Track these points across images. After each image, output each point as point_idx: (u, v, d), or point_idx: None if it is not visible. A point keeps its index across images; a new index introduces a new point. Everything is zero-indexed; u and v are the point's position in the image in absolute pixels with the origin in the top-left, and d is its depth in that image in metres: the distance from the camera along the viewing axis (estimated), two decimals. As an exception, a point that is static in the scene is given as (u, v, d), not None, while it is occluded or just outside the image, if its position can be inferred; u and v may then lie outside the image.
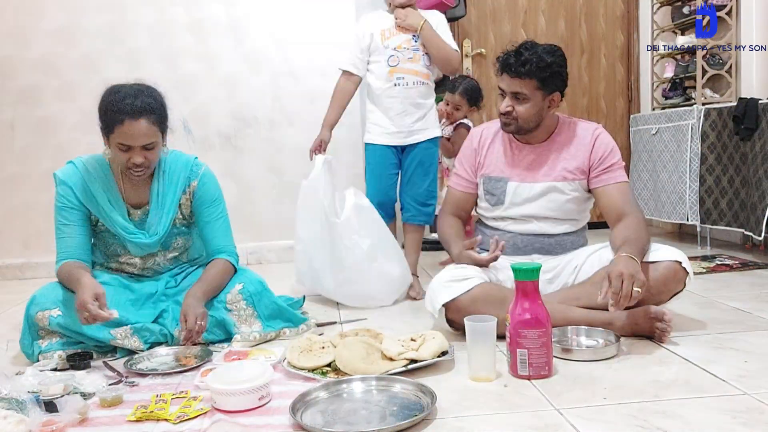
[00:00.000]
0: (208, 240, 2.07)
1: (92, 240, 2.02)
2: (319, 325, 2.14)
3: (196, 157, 2.11)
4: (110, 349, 1.90)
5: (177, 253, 2.12)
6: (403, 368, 1.60)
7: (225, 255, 2.05)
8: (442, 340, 1.68)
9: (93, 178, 1.96)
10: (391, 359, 1.63)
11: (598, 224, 4.29)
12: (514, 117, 1.98)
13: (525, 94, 1.94)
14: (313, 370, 1.64)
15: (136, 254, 2.04)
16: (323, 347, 1.72)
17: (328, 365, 1.65)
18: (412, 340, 1.71)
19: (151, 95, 1.89)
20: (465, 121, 3.28)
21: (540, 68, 1.92)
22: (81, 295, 1.73)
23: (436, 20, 2.53)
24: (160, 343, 1.93)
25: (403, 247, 2.60)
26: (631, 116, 3.92)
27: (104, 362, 1.79)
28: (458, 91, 3.22)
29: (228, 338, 1.96)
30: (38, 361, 1.81)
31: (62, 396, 1.44)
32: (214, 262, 2.03)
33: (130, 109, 1.81)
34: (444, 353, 1.67)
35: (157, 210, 2.00)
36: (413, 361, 1.62)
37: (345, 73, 2.61)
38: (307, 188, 2.48)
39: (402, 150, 2.59)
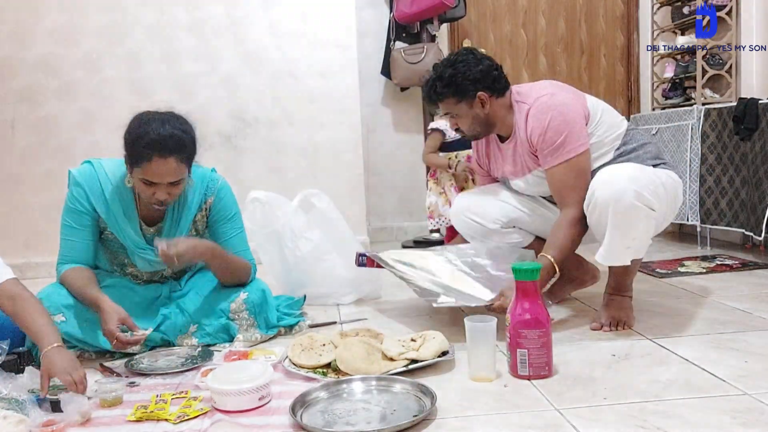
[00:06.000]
0: None
1: (97, 246, 1.98)
2: (313, 326, 2.14)
3: (213, 169, 2.06)
4: (110, 351, 1.89)
5: (184, 266, 2.09)
6: (404, 368, 1.60)
7: None
8: (442, 340, 1.68)
9: (111, 184, 1.89)
10: (391, 359, 1.64)
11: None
12: (461, 130, 2.06)
13: (452, 112, 2.01)
14: (314, 369, 1.64)
15: (144, 269, 2.00)
16: (324, 345, 1.73)
17: (328, 365, 1.66)
18: (413, 340, 1.71)
19: (183, 129, 1.78)
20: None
21: (446, 86, 1.96)
22: (106, 323, 1.71)
23: None
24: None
25: None
26: (631, 116, 3.92)
27: (100, 364, 1.79)
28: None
29: (230, 340, 1.96)
30: (40, 363, 1.80)
31: (67, 393, 1.44)
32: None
33: (160, 146, 1.70)
34: (444, 353, 1.67)
35: (172, 230, 1.96)
36: (414, 361, 1.63)
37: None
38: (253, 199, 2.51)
39: None
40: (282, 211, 2.46)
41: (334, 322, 2.20)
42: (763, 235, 2.79)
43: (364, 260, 2.28)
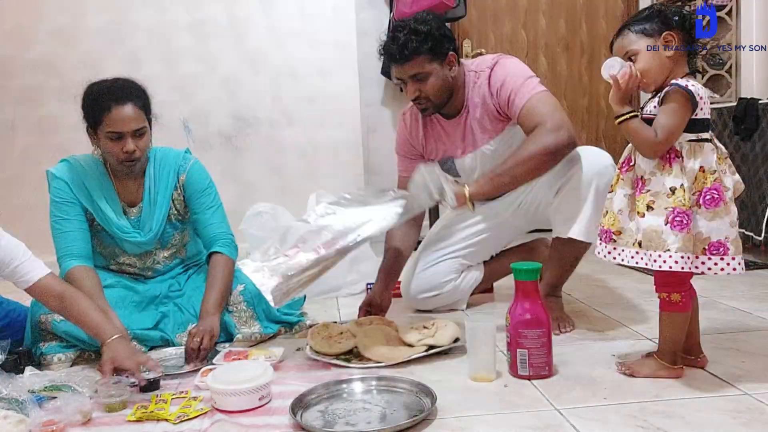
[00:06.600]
0: (203, 230, 2.05)
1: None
2: (312, 326, 2.14)
3: (187, 150, 2.10)
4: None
5: (174, 250, 2.11)
6: (424, 353, 1.66)
7: (221, 244, 2.02)
8: (454, 328, 1.74)
9: (88, 174, 1.96)
10: (410, 345, 1.69)
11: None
12: (425, 97, 1.92)
13: (422, 72, 1.88)
14: (336, 356, 1.69)
15: (133, 252, 2.03)
16: (341, 333, 1.78)
17: (351, 351, 1.71)
18: (425, 327, 1.77)
19: (132, 83, 1.91)
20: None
21: (423, 41, 1.85)
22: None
23: None
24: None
25: None
26: (631, 116, 3.91)
27: (100, 365, 1.79)
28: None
29: (229, 339, 1.96)
30: (40, 363, 1.81)
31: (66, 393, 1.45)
32: (215, 262, 1.99)
33: (114, 95, 1.83)
34: (457, 340, 1.73)
35: (150, 207, 2.00)
36: (432, 347, 1.69)
37: None
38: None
39: None
40: (306, 213, 2.62)
41: (335, 322, 2.19)
42: (763, 235, 2.79)
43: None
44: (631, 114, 1.47)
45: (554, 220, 1.97)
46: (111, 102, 1.82)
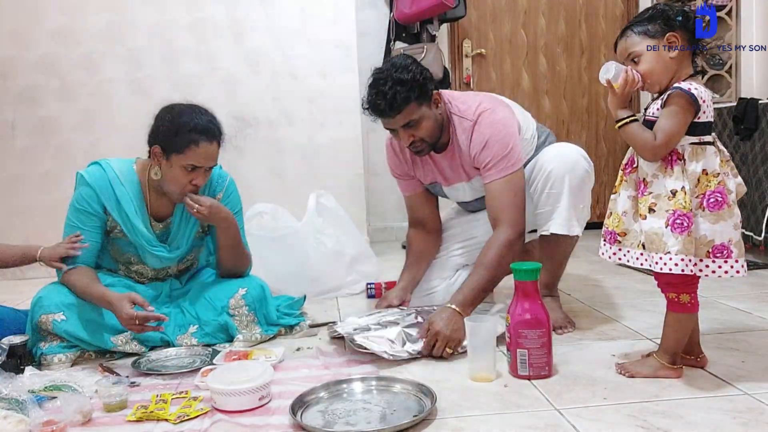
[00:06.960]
0: None
1: (102, 245, 1.97)
2: (313, 326, 2.14)
3: (220, 166, 2.09)
4: (110, 351, 1.89)
5: (188, 264, 2.13)
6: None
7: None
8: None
9: (120, 182, 1.92)
10: None
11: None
12: (420, 141, 1.93)
13: (413, 119, 1.87)
14: None
15: (153, 266, 2.02)
16: None
17: None
18: None
19: (216, 120, 1.90)
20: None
21: (410, 89, 1.83)
22: (122, 310, 1.72)
23: None
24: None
25: None
26: (631, 116, 3.91)
27: (100, 364, 1.79)
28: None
29: (229, 340, 1.97)
30: (40, 363, 1.81)
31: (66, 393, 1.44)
32: None
33: (206, 132, 1.82)
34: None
35: (182, 225, 2.00)
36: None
37: None
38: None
39: None
40: (286, 217, 2.65)
41: (334, 322, 2.19)
42: (763, 235, 2.79)
43: (373, 291, 2.51)
44: (631, 118, 1.46)
45: (536, 220, 1.99)
46: (202, 138, 1.81)
